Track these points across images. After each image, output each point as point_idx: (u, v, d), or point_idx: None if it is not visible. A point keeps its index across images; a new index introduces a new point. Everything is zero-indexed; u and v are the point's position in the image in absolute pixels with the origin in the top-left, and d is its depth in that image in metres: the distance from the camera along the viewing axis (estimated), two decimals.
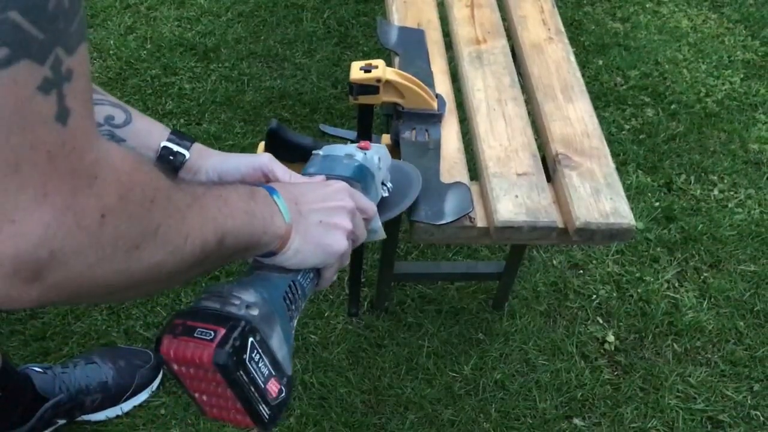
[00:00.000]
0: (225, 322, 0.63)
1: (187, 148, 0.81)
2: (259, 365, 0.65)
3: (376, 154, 0.89)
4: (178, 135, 0.81)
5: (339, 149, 0.88)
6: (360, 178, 0.84)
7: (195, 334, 0.62)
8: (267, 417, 0.66)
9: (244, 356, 0.63)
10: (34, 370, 1.47)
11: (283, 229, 0.70)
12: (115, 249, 0.50)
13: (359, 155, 0.86)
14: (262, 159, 0.81)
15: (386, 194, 0.91)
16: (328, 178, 0.82)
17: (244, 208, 0.66)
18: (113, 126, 0.77)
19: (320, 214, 0.74)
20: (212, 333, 0.62)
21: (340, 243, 0.75)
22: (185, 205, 0.57)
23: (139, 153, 0.55)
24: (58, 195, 0.45)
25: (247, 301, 0.67)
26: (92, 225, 0.47)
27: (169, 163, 0.79)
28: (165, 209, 0.54)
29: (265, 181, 0.79)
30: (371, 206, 0.81)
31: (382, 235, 0.88)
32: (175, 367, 0.64)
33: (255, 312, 0.67)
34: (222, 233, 0.61)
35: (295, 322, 0.75)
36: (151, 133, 0.80)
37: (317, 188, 0.77)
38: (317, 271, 0.78)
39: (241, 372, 0.63)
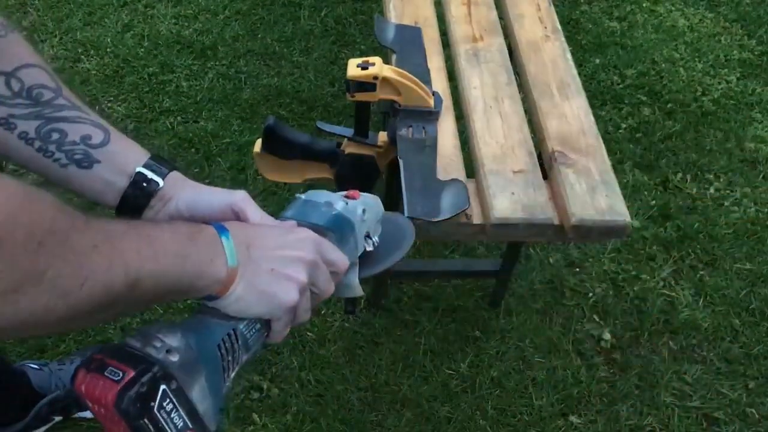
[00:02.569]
0: (137, 365, 0.59)
1: (163, 176, 0.76)
2: (172, 416, 0.60)
3: (362, 204, 0.82)
4: (157, 161, 0.77)
5: (321, 195, 0.81)
6: (335, 228, 0.77)
7: (105, 373, 0.59)
8: None
9: (152, 404, 0.59)
10: (31, 367, 1.47)
11: (224, 274, 0.65)
12: None
13: (340, 204, 0.79)
14: (236, 196, 0.75)
15: (370, 248, 0.83)
16: (300, 224, 0.76)
17: (175, 249, 0.62)
18: (89, 146, 0.74)
19: (273, 261, 0.68)
20: (121, 374, 0.58)
21: (288, 295, 0.69)
22: (89, 246, 0.54)
23: (39, 191, 0.52)
24: None
25: (168, 345, 0.62)
26: None
27: (141, 190, 0.75)
28: (57, 253, 0.52)
29: (236, 219, 0.74)
30: (342, 260, 0.75)
31: (358, 291, 0.81)
32: (89, 404, 0.60)
33: (174, 358, 0.62)
34: (135, 277, 0.57)
35: (233, 374, 0.69)
36: (126, 158, 0.76)
37: (279, 234, 0.72)
38: (266, 323, 0.71)
39: (146, 420, 0.58)
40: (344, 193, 0.82)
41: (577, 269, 1.92)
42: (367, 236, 0.83)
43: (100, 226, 0.57)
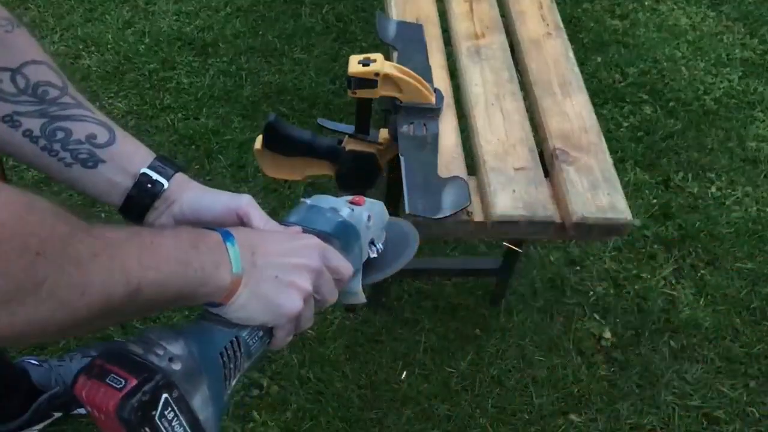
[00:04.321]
0: (139, 373, 0.59)
1: (168, 178, 0.75)
2: (173, 425, 0.60)
3: (367, 211, 0.81)
4: (162, 161, 0.76)
5: (326, 201, 0.81)
6: (340, 235, 0.76)
7: (107, 380, 0.59)
8: None
9: (153, 413, 0.59)
10: (31, 363, 1.47)
11: (227, 281, 0.64)
12: None
13: (345, 210, 0.79)
14: (241, 201, 0.74)
15: (374, 255, 0.83)
16: (305, 231, 0.75)
17: (177, 256, 0.61)
18: (94, 145, 0.73)
19: (278, 269, 0.68)
20: (123, 381, 0.58)
21: (292, 304, 0.68)
22: (89, 255, 0.54)
23: (37, 199, 0.52)
24: None
25: (171, 353, 0.62)
26: None
27: (146, 191, 0.74)
28: (55, 262, 0.51)
29: (240, 224, 0.73)
30: (347, 268, 0.74)
31: (361, 299, 0.80)
32: (89, 409, 0.60)
33: (177, 366, 0.62)
34: (137, 286, 0.57)
35: (235, 381, 0.69)
36: (132, 158, 0.75)
37: (284, 240, 0.71)
38: (269, 330, 0.71)
39: (147, 429, 0.58)
40: (349, 198, 0.82)
41: (578, 268, 1.92)
42: (372, 243, 0.82)
43: (101, 234, 0.56)
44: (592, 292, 1.87)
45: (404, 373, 1.68)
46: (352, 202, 0.81)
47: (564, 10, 2.66)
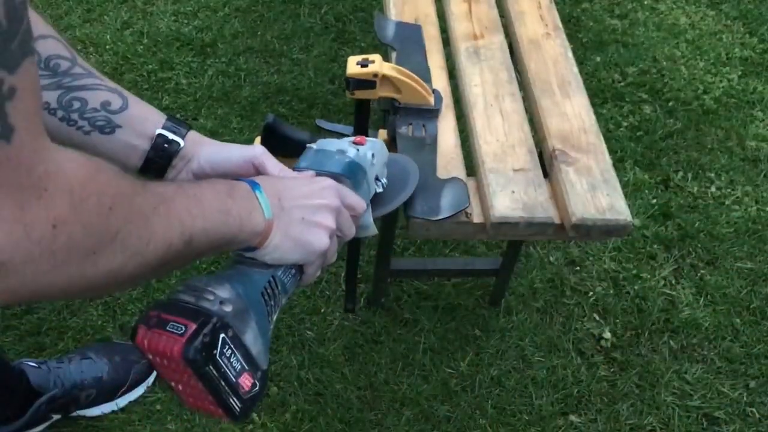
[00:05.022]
0: (197, 318, 0.64)
1: (182, 136, 0.81)
2: (231, 360, 0.66)
3: (370, 149, 0.88)
4: (173, 121, 0.81)
5: (332, 144, 0.87)
6: (350, 174, 0.83)
7: (167, 328, 0.64)
8: (238, 410, 0.68)
9: (215, 352, 0.64)
10: (29, 365, 1.46)
11: (262, 226, 0.70)
12: (69, 256, 0.51)
13: (351, 151, 0.85)
14: (255, 151, 0.80)
15: (380, 190, 0.90)
16: (318, 173, 0.82)
17: (218, 206, 0.66)
18: (109, 112, 0.77)
19: (303, 210, 0.73)
20: (183, 327, 0.63)
21: (321, 241, 0.74)
22: (150, 208, 0.58)
23: (102, 161, 0.56)
24: (6, 209, 0.47)
25: (221, 297, 0.67)
26: (43, 236, 0.49)
27: (163, 151, 0.79)
28: (125, 215, 0.55)
29: (256, 174, 0.79)
30: (360, 203, 0.81)
31: (373, 231, 0.87)
32: (150, 357, 0.65)
33: (228, 308, 0.67)
34: (190, 234, 0.62)
35: (275, 316, 0.75)
36: (146, 120, 0.80)
37: (303, 184, 0.77)
38: (299, 267, 0.77)
39: (211, 367, 0.64)
40: (351, 139, 0.88)
41: (578, 268, 1.92)
42: (377, 179, 0.89)
43: (155, 190, 0.61)
44: (591, 293, 1.87)
45: (404, 374, 1.68)
46: (355, 143, 0.87)
47: (563, 10, 2.66)
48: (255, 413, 1.58)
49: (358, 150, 0.86)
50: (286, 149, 1.39)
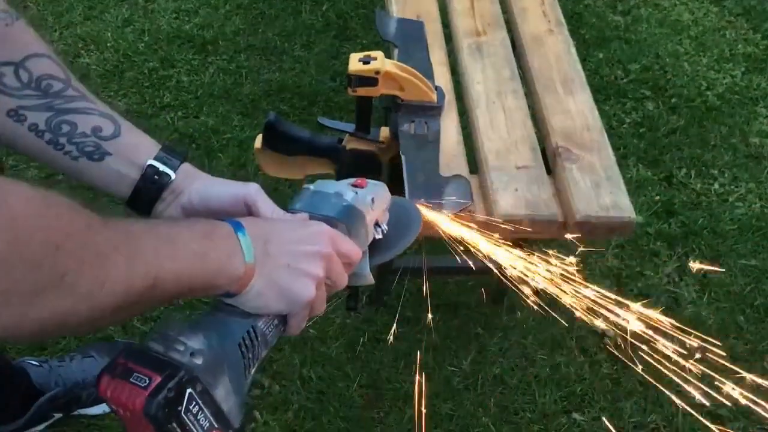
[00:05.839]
0: (163, 370, 0.60)
1: (175, 168, 0.76)
2: (198, 417, 0.62)
3: (371, 193, 0.81)
4: (168, 152, 0.76)
5: (330, 185, 0.81)
6: (346, 219, 0.77)
7: (131, 379, 0.60)
8: None
9: (179, 408, 0.60)
10: (31, 364, 1.46)
11: (241, 271, 0.65)
12: (9, 297, 0.48)
13: (349, 194, 0.79)
14: (249, 189, 0.75)
15: (379, 236, 0.84)
16: (312, 217, 0.76)
17: (193, 248, 0.62)
18: (100, 138, 0.73)
19: (290, 257, 0.68)
20: (147, 380, 0.59)
21: (306, 291, 0.69)
22: (109, 247, 0.55)
23: (55, 195, 0.53)
24: None
25: (192, 348, 0.63)
26: None
27: (153, 183, 0.74)
28: (76, 254, 0.52)
29: (247, 213, 0.74)
30: (355, 251, 0.75)
31: (369, 280, 0.82)
32: (114, 408, 0.62)
33: (199, 361, 0.63)
34: (155, 277, 0.58)
35: (254, 369, 0.70)
36: (138, 149, 0.75)
37: (294, 228, 0.72)
38: (283, 318, 0.72)
39: (174, 424, 0.60)
40: (352, 181, 0.82)
41: (581, 265, 1.91)
42: (376, 224, 0.83)
43: (119, 227, 0.57)
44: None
45: (406, 372, 1.67)
46: (354, 185, 0.82)
47: (565, 6, 2.64)
48: (257, 411, 1.57)
49: (356, 193, 0.80)
50: (287, 147, 1.39)
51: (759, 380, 1.71)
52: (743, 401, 1.67)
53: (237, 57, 2.36)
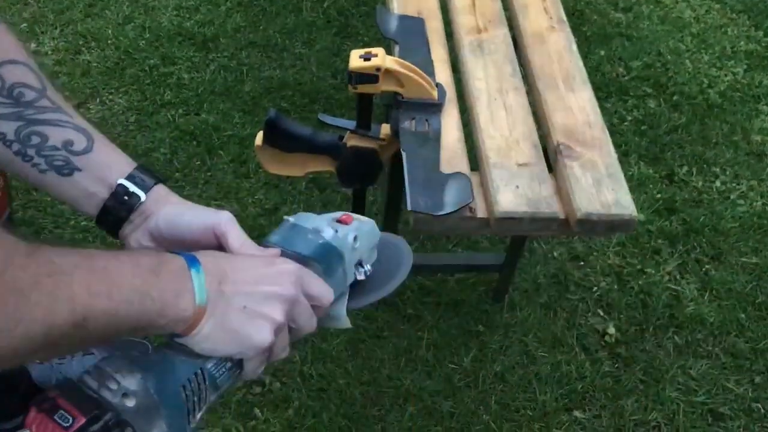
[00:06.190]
0: (89, 410, 0.57)
1: (146, 190, 0.71)
2: None
3: (354, 231, 0.76)
4: (142, 172, 0.72)
5: (309, 220, 0.75)
6: (321, 258, 0.72)
7: (55, 416, 0.56)
8: None
9: None
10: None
11: (189, 312, 0.60)
12: None
13: (328, 232, 0.74)
14: (220, 218, 0.70)
15: (362, 277, 0.77)
16: (284, 253, 0.71)
17: (135, 284, 0.58)
18: (70, 152, 0.70)
19: (247, 298, 0.63)
20: (71, 419, 0.56)
21: (260, 336, 0.63)
22: (29, 283, 0.51)
23: None
24: None
25: (125, 389, 0.59)
26: None
27: (122, 204, 0.71)
28: None
29: (217, 244, 0.69)
30: (326, 294, 0.69)
31: (345, 324, 0.76)
32: None
33: (131, 403, 0.58)
34: (84, 316, 0.54)
35: (201, 414, 0.65)
36: (109, 167, 0.71)
37: (257, 266, 0.66)
38: (239, 361, 0.67)
39: None
40: (337, 216, 0.77)
41: (582, 263, 1.91)
42: (359, 264, 0.77)
43: (45, 259, 0.53)
44: (595, 288, 1.86)
45: (407, 369, 1.67)
46: (339, 221, 0.76)
47: (567, 3, 2.63)
48: (258, 409, 1.57)
49: (336, 231, 0.74)
50: (288, 144, 1.38)
51: (759, 378, 1.71)
52: (744, 399, 1.68)
53: (238, 54, 2.36)
